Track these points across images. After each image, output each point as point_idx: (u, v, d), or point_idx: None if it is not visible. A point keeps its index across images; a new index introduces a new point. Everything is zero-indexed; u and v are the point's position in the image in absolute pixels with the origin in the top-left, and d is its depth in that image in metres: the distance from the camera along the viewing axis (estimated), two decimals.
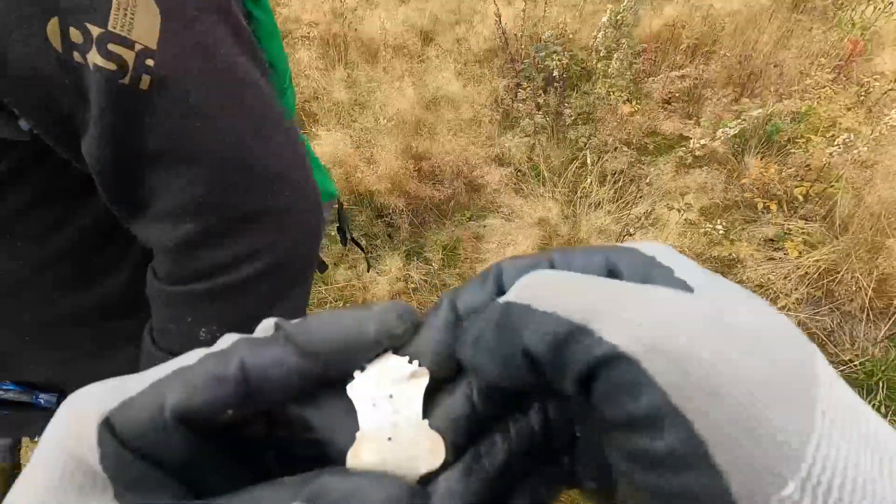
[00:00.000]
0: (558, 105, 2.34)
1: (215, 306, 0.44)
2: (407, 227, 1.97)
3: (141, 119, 0.37)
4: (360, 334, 0.14)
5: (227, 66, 0.40)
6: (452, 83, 2.33)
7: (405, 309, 0.15)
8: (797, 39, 2.57)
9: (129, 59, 0.35)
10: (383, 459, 0.14)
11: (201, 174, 0.40)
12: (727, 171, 2.11)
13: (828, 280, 1.68)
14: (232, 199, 0.42)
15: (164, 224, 0.42)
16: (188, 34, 0.37)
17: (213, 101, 0.39)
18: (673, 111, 2.44)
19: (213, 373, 0.14)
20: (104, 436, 0.13)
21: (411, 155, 2.09)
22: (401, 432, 0.14)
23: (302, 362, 0.14)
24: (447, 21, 2.95)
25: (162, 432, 0.14)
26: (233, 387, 0.14)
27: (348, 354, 0.15)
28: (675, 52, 2.61)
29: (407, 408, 0.15)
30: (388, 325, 0.15)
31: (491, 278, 0.16)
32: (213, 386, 0.14)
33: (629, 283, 0.13)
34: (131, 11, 0.34)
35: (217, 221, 0.42)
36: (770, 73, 2.43)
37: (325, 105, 2.37)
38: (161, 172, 0.40)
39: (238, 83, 0.41)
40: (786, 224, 1.89)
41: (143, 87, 0.36)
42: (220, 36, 0.39)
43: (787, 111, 2.22)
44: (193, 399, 0.14)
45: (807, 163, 1.97)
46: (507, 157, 2.20)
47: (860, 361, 1.54)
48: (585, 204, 2.00)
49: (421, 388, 0.15)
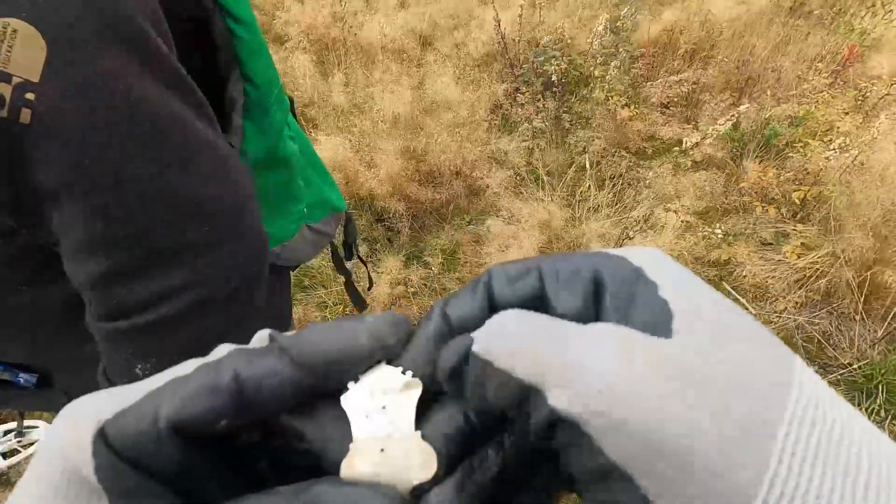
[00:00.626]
0: (557, 110, 2.35)
1: (146, 342, 0.43)
2: (407, 231, 1.98)
3: (27, 153, 0.36)
4: (354, 346, 0.15)
5: (129, 98, 0.37)
6: (451, 88, 2.34)
7: (398, 319, 0.15)
8: (795, 45, 2.58)
9: (5, 93, 0.33)
10: (376, 471, 0.14)
11: (101, 210, 0.38)
12: (726, 176, 2.12)
13: (825, 283, 1.69)
14: (139, 235, 0.40)
15: (75, 261, 0.40)
16: (80, 67, 0.35)
17: (110, 135, 0.37)
18: (671, 116, 2.45)
19: (206, 383, 0.14)
20: (98, 446, 0.13)
21: (410, 158, 2.09)
22: (393, 444, 0.14)
23: (296, 373, 0.14)
24: (446, 26, 2.96)
25: (156, 442, 0.14)
26: (227, 397, 0.14)
27: (342, 366, 0.15)
28: (674, 58, 2.62)
29: (400, 419, 0.15)
30: (381, 336, 0.15)
31: (481, 287, 0.16)
32: (207, 396, 0.14)
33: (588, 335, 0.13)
34: (9, 44, 0.33)
35: (127, 258, 0.40)
36: (768, 78, 2.44)
37: (324, 110, 2.38)
38: (62, 208, 0.38)
39: (144, 114, 0.38)
40: (784, 228, 1.90)
41: (23, 121, 0.34)
42: (124, 68, 0.37)
43: (785, 115, 2.23)
44: (187, 409, 0.14)
45: (805, 167, 1.98)
46: (506, 161, 2.20)
47: (859, 365, 1.54)
48: (584, 208, 2.00)
49: (414, 399, 0.15)
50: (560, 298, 0.15)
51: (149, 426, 0.14)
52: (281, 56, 2.68)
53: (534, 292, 0.15)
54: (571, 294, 0.15)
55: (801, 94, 2.28)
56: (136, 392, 0.15)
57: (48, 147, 0.36)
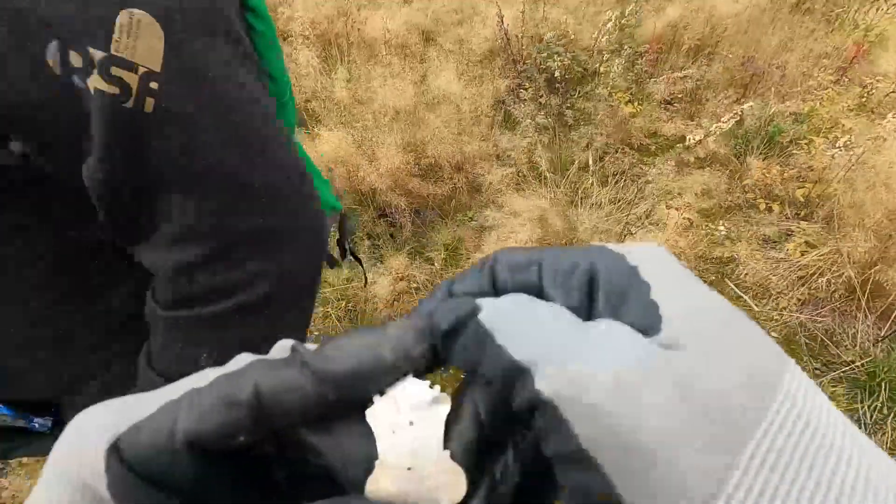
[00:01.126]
0: (560, 106, 2.34)
1: (211, 332, 0.44)
2: (409, 227, 1.98)
3: (146, 142, 0.37)
4: (378, 359, 0.14)
5: (228, 85, 0.39)
6: (454, 83, 2.34)
7: (422, 327, 0.15)
8: (800, 41, 2.57)
9: (132, 83, 0.34)
10: (403, 489, 0.14)
11: (205, 197, 0.40)
12: (729, 173, 2.11)
13: (827, 281, 1.68)
14: (232, 220, 0.41)
15: (166, 248, 0.41)
16: (192, 55, 0.37)
17: (215, 122, 0.39)
18: (675, 113, 2.44)
19: (225, 397, 0.14)
20: (112, 462, 0.13)
21: (412, 153, 2.09)
22: (421, 462, 0.14)
23: (318, 388, 0.14)
24: (449, 21, 2.95)
25: (171, 457, 0.14)
26: (245, 411, 0.14)
27: (365, 380, 0.14)
28: (677, 54, 2.61)
29: (427, 437, 0.14)
30: (406, 347, 0.14)
31: (487, 270, 0.16)
32: (226, 410, 0.14)
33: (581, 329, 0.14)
34: (134, 34, 0.34)
35: (217, 244, 0.41)
36: (772, 75, 2.43)
37: (326, 104, 2.38)
38: (165, 196, 0.39)
39: (239, 102, 0.40)
40: (787, 226, 1.89)
41: (147, 110, 0.35)
42: (224, 55, 0.39)
43: (790, 112, 2.22)
44: (204, 424, 0.14)
45: (809, 164, 1.97)
46: (509, 157, 2.20)
47: (862, 363, 1.54)
48: (587, 204, 2.00)
49: (442, 416, 0.14)
50: (556, 297, 0.15)
51: (165, 441, 0.13)
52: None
53: (532, 284, 0.16)
54: (566, 293, 0.15)
55: (805, 91, 2.27)
56: (150, 403, 0.14)
57: (167, 134, 0.37)
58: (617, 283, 0.14)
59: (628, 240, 1.86)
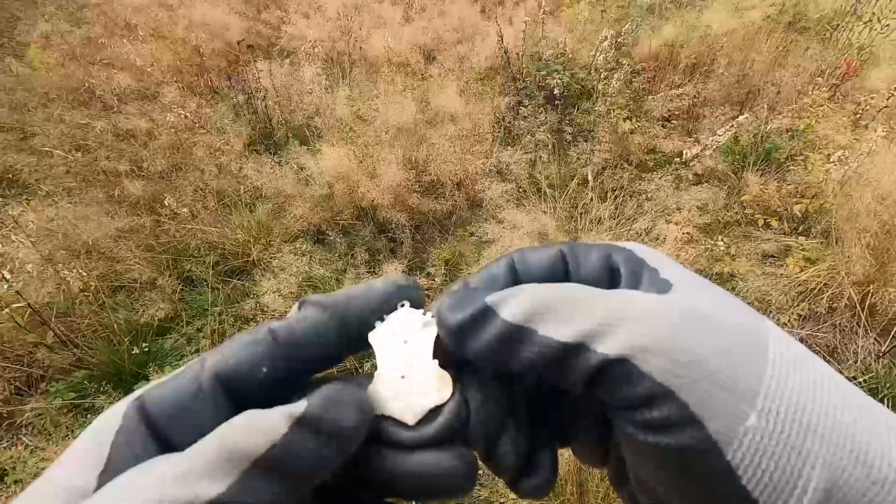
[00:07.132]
0: (559, 122, 2.37)
1: None
2: (409, 242, 1.99)
3: None
4: (371, 287, 0.18)
5: None
6: (454, 100, 2.37)
7: (407, 276, 0.19)
8: (794, 59, 2.61)
9: None
10: (396, 393, 0.16)
11: None
12: (727, 189, 2.13)
13: (827, 296, 1.68)
14: None
15: None
16: None
17: None
18: (672, 129, 2.47)
19: (246, 338, 0.16)
20: (130, 410, 0.14)
21: (413, 170, 2.11)
22: (413, 371, 0.17)
23: (322, 315, 0.16)
24: (450, 40, 3.00)
25: (195, 396, 0.15)
26: (264, 346, 0.16)
27: (365, 306, 0.17)
28: (674, 72, 2.65)
29: (419, 351, 0.17)
30: (393, 279, 0.18)
31: (504, 262, 0.18)
32: (248, 347, 0.16)
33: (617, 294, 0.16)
34: None
35: None
36: (768, 92, 2.47)
37: (328, 121, 2.41)
38: None
39: None
40: (786, 241, 1.90)
41: None
42: None
43: (785, 128, 2.25)
44: (230, 359, 0.15)
45: (805, 180, 1.99)
46: (509, 173, 2.22)
47: (864, 378, 1.53)
48: (586, 219, 2.01)
49: (432, 335, 0.17)
50: (581, 275, 0.18)
51: (190, 381, 0.15)
52: (287, 69, 2.71)
53: (556, 269, 0.18)
54: (591, 272, 0.18)
55: (800, 108, 2.30)
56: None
57: None
58: (634, 269, 0.17)
59: None
